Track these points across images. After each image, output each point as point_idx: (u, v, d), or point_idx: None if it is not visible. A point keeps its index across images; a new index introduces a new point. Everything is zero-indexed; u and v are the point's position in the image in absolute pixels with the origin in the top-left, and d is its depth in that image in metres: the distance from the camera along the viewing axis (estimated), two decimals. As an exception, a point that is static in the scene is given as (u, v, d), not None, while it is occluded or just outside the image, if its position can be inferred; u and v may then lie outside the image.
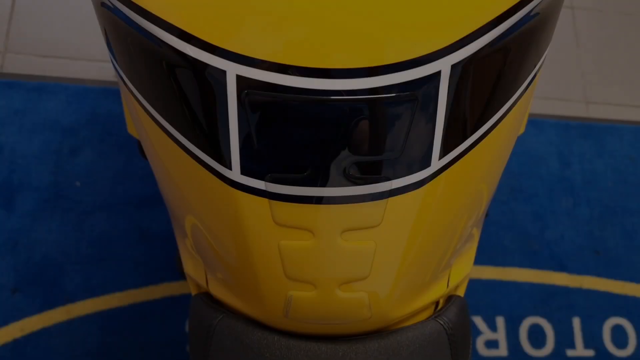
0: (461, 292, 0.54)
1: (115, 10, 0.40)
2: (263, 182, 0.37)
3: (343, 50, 0.34)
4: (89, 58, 1.25)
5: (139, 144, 0.62)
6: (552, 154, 1.38)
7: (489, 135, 0.42)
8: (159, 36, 0.37)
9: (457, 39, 0.35)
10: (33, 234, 1.09)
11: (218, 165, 0.38)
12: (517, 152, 1.35)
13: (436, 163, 0.38)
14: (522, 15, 0.39)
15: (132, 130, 0.63)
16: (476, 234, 0.57)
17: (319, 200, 0.37)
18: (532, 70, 0.48)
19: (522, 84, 0.46)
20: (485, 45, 0.37)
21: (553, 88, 1.48)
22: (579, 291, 1.26)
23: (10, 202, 1.10)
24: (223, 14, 0.35)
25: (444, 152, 0.38)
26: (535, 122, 1.41)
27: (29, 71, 1.23)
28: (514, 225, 1.29)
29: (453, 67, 0.35)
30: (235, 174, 0.37)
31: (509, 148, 0.52)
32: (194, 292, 0.54)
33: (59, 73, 1.23)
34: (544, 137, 1.39)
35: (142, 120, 0.45)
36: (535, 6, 0.41)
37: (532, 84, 0.50)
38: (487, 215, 0.78)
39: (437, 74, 0.35)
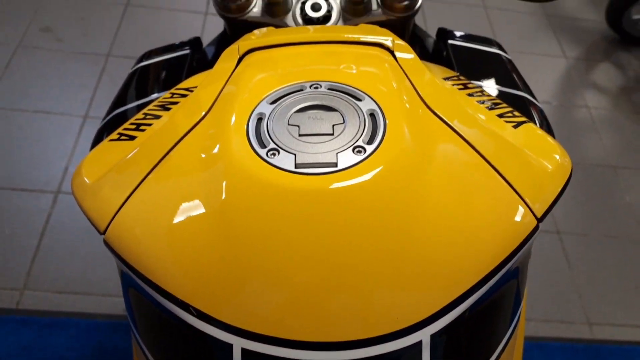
0: None
1: (126, 276, 0.47)
2: None
3: (339, 325, 0.39)
4: (103, 293, 1.32)
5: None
6: (564, 380, 1.34)
7: None
8: (168, 308, 0.42)
9: (436, 310, 0.40)
10: None
11: None
12: (526, 380, 1.32)
13: None
14: (500, 276, 0.44)
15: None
16: None
17: None
18: (514, 319, 0.52)
19: (505, 335, 0.50)
20: (464, 311, 0.42)
21: (553, 310, 1.51)
22: None
23: None
24: (226, 288, 0.41)
25: None
26: (541, 346, 1.40)
27: (44, 307, 1.28)
28: None
29: (432, 336, 0.40)
30: None
31: None
32: None
33: (72, 308, 1.28)
34: (552, 361, 1.37)
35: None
36: (514, 263, 0.46)
37: (516, 328, 0.54)
38: None
39: (419, 343, 0.39)
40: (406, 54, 0.54)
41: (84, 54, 1.88)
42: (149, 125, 0.53)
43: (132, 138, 0.52)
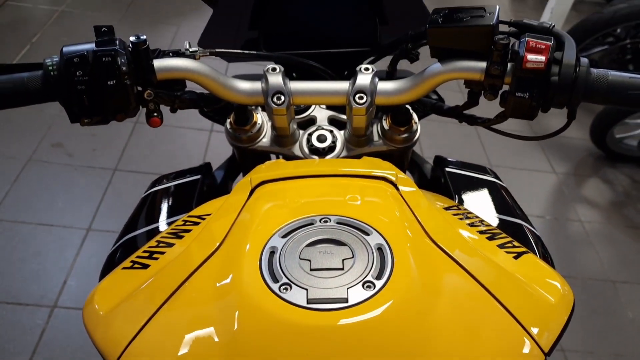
0: None
1: None
2: None
3: None
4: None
5: None
6: None
7: None
8: None
9: None
10: None
11: None
12: None
13: None
14: None
15: None
16: None
17: None
18: None
19: None
20: None
21: None
22: None
23: None
24: None
25: None
26: None
27: None
28: None
29: None
30: None
31: None
32: None
33: None
34: None
35: None
36: None
37: None
38: None
39: None
40: (408, 187, 0.58)
41: (92, 168, 1.94)
42: (162, 253, 0.55)
43: (145, 267, 0.53)
